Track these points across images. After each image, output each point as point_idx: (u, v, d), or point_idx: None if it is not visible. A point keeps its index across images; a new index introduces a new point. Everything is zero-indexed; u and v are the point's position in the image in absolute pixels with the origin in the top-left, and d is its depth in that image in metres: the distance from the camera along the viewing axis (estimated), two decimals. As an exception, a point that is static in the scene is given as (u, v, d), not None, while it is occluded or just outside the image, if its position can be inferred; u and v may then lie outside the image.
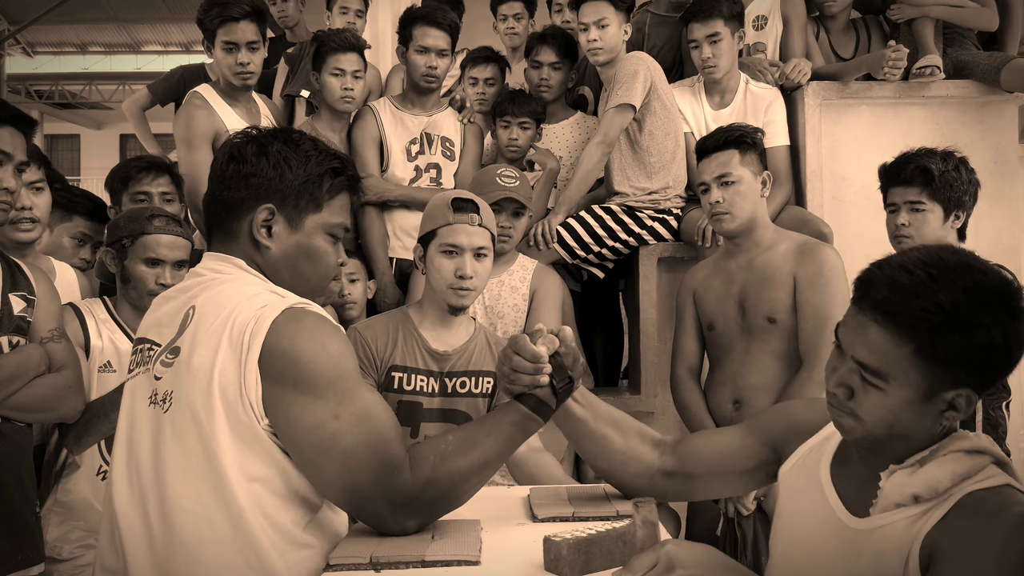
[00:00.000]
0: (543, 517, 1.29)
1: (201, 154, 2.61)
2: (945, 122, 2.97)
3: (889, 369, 1.01)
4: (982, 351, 0.98)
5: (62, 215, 2.34)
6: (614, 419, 1.37)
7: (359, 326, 1.93)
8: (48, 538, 1.85)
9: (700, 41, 2.77)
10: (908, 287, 0.99)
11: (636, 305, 2.87)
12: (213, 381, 1.13)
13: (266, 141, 1.25)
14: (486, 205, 1.90)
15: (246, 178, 1.23)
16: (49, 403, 1.73)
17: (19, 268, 1.77)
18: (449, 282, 1.83)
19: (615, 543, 1.08)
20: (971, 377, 1.01)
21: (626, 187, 2.80)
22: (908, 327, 0.99)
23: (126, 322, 2.01)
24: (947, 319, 0.97)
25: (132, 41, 13.70)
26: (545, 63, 2.99)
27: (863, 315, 1.03)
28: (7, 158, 1.64)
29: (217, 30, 2.61)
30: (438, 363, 1.89)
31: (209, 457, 1.12)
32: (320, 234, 1.27)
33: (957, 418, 1.04)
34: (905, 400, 1.02)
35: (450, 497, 1.18)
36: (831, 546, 1.10)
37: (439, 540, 1.15)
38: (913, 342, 0.99)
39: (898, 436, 1.05)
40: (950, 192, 2.07)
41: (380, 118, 2.84)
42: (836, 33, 3.17)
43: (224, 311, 1.16)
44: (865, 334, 1.03)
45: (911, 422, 1.03)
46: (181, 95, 3.13)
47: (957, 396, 1.02)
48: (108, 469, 1.91)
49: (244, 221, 1.24)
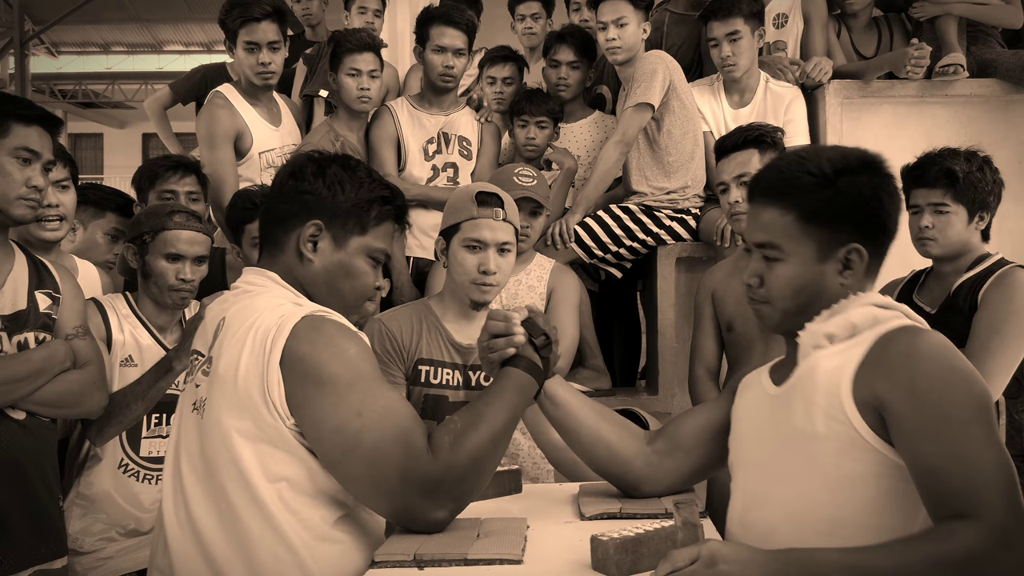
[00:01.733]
0: (590, 515, 1.29)
1: (223, 153, 2.64)
2: (969, 121, 2.93)
3: (781, 240, 1.16)
4: (854, 204, 1.13)
5: (95, 212, 2.38)
6: (599, 407, 1.42)
7: (382, 317, 1.91)
8: (70, 531, 1.88)
9: (719, 39, 2.76)
10: (782, 167, 1.18)
11: (654, 305, 2.86)
12: (237, 385, 1.19)
13: (325, 163, 1.35)
14: (511, 199, 1.87)
15: (301, 194, 1.32)
16: (73, 398, 1.75)
17: (44, 266, 1.79)
18: (472, 277, 1.80)
19: (663, 542, 1.07)
20: (855, 232, 1.14)
21: (644, 186, 2.79)
22: (786, 196, 1.15)
23: (147, 317, 2.03)
24: (816, 181, 1.14)
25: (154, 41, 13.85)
26: (563, 62, 2.99)
27: (753, 204, 1.20)
28: (35, 157, 1.66)
29: (239, 30, 2.63)
30: (462, 356, 1.88)
31: (233, 459, 1.18)
32: (361, 255, 1.34)
33: (855, 276, 1.15)
34: (803, 264, 1.15)
35: (472, 475, 1.19)
36: (764, 417, 1.20)
37: (484, 539, 1.15)
38: (794, 208, 1.15)
39: (808, 305, 1.16)
40: (974, 193, 2.03)
41: (398, 118, 2.85)
42: (858, 31, 3.14)
43: (248, 320, 1.23)
44: (756, 219, 1.19)
45: (814, 286, 1.16)
46: (203, 94, 3.17)
47: (848, 253, 1.15)
48: (129, 462, 1.96)
49: (293, 234, 1.32)
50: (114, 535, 1.95)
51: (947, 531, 0.98)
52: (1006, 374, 1.94)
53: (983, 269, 2.03)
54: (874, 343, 1.10)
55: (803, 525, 1.10)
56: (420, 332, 1.87)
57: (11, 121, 1.63)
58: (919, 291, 2.17)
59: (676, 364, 2.77)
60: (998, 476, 1.01)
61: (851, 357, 1.10)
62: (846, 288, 1.17)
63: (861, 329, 1.12)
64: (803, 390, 1.13)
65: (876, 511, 1.07)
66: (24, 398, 1.67)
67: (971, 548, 0.96)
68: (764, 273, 1.19)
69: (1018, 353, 1.95)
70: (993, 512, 0.98)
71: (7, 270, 1.71)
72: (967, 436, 1.02)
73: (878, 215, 1.16)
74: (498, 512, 1.29)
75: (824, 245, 1.15)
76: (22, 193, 1.64)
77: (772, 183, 1.18)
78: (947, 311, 2.05)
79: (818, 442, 1.10)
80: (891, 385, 1.05)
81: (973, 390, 1.06)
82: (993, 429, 1.05)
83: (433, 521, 1.17)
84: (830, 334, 1.14)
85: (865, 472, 1.07)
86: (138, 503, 1.96)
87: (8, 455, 1.66)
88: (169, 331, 2.07)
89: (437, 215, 2.83)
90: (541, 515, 1.30)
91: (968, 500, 0.99)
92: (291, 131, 2.88)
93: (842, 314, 1.15)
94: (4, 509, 1.64)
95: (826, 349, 1.13)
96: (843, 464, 1.08)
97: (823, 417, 1.10)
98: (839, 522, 1.08)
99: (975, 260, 2.05)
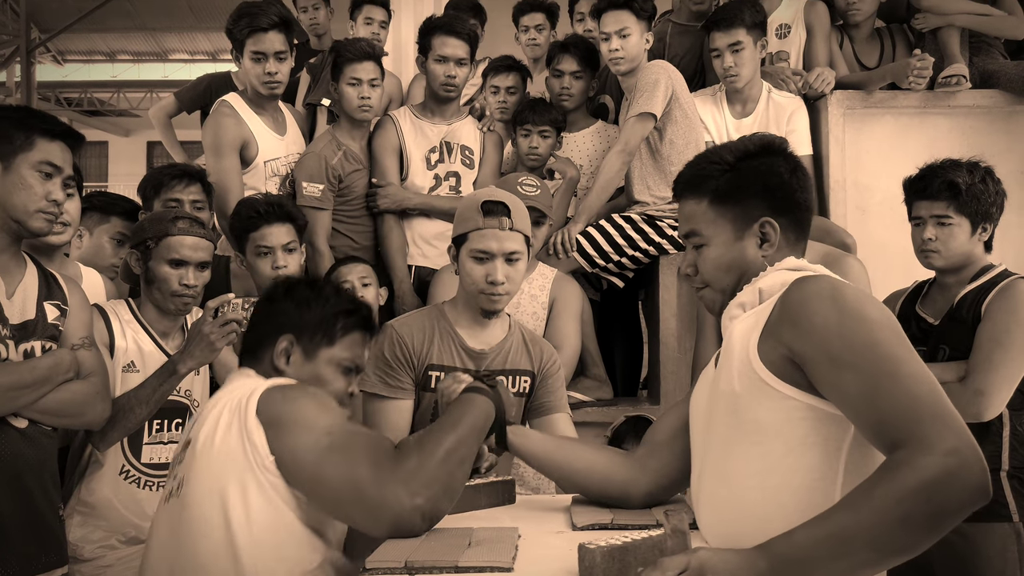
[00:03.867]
0: (582, 525, 1.30)
1: (229, 162, 2.65)
2: (972, 132, 2.93)
3: (701, 226, 1.27)
4: (756, 182, 1.24)
5: (100, 217, 2.39)
6: (562, 442, 1.54)
7: (395, 323, 1.90)
8: (70, 538, 1.87)
9: (722, 50, 2.77)
10: (694, 164, 1.31)
11: (656, 315, 2.86)
12: (215, 444, 1.30)
13: (294, 285, 1.53)
14: (520, 205, 1.85)
15: (274, 315, 1.49)
16: (76, 408, 1.75)
17: (54, 278, 1.81)
18: (480, 287, 1.80)
19: (651, 551, 1.07)
20: (764, 207, 1.24)
21: (646, 196, 2.80)
22: (698, 185, 1.28)
23: (150, 323, 2.04)
24: (720, 168, 1.26)
25: (160, 49, 13.93)
26: (567, 72, 3.00)
27: (677, 202, 1.32)
28: (56, 171, 1.70)
29: (246, 40, 2.65)
30: (475, 361, 1.87)
31: (206, 516, 1.29)
32: (331, 365, 1.47)
33: (773, 248, 1.24)
34: (724, 244, 1.25)
35: (439, 463, 1.22)
36: (705, 396, 1.27)
37: (475, 547, 1.16)
38: (706, 195, 1.26)
39: (740, 281, 1.25)
40: (977, 205, 2.03)
41: (400, 127, 2.86)
42: (860, 42, 3.15)
43: (223, 397, 1.37)
44: (681, 213, 1.31)
45: (740, 262, 1.25)
46: (208, 103, 3.18)
47: (762, 226, 1.24)
48: (131, 468, 1.96)
49: (268, 349, 1.47)
50: (114, 543, 1.94)
51: (896, 464, 0.99)
52: (1010, 386, 1.93)
53: (986, 280, 2.02)
54: (777, 300, 1.16)
55: (737, 485, 1.15)
56: (432, 338, 1.86)
57: (36, 136, 1.67)
58: (922, 302, 2.16)
59: (678, 374, 2.77)
60: (921, 389, 1.02)
61: (760, 319, 1.16)
62: (767, 261, 1.25)
63: (771, 293, 1.19)
64: (725, 358, 1.20)
65: (797, 456, 1.10)
66: (28, 405, 1.67)
67: (923, 470, 0.96)
68: (697, 261, 1.29)
69: (1021, 365, 1.94)
70: (929, 429, 0.98)
71: (18, 280, 1.72)
72: (878, 358, 1.05)
73: (781, 188, 1.25)
74: (491, 521, 1.29)
75: (738, 223, 1.25)
76: (42, 206, 1.67)
77: (686, 178, 1.30)
78: (950, 322, 2.04)
79: (736, 399, 1.15)
80: (795, 333, 1.10)
81: (868, 315, 1.08)
82: (904, 345, 1.07)
83: (412, 508, 1.16)
84: (741, 303, 1.22)
85: (779, 420, 1.11)
86: (139, 510, 1.96)
87: (8, 463, 1.65)
88: (171, 337, 2.07)
89: (439, 224, 2.86)
90: (533, 524, 1.30)
91: (904, 423, 1.00)
92: (296, 140, 2.89)
93: (758, 281, 1.22)
94: (4, 518, 1.64)
95: (740, 317, 1.20)
96: (760, 415, 1.12)
97: (738, 376, 1.15)
98: (767, 472, 1.12)
99: (978, 271, 2.05)
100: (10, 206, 1.66)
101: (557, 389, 1.93)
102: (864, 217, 2.90)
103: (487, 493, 1.43)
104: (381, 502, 1.18)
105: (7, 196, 1.65)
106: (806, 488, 1.09)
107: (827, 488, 1.09)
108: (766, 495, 1.11)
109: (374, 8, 3.42)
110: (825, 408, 1.09)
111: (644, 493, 1.40)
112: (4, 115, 1.68)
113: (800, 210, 1.27)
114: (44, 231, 1.73)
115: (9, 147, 1.65)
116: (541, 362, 1.92)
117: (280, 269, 2.23)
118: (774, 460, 1.11)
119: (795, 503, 1.08)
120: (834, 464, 1.10)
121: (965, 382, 1.93)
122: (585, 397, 2.64)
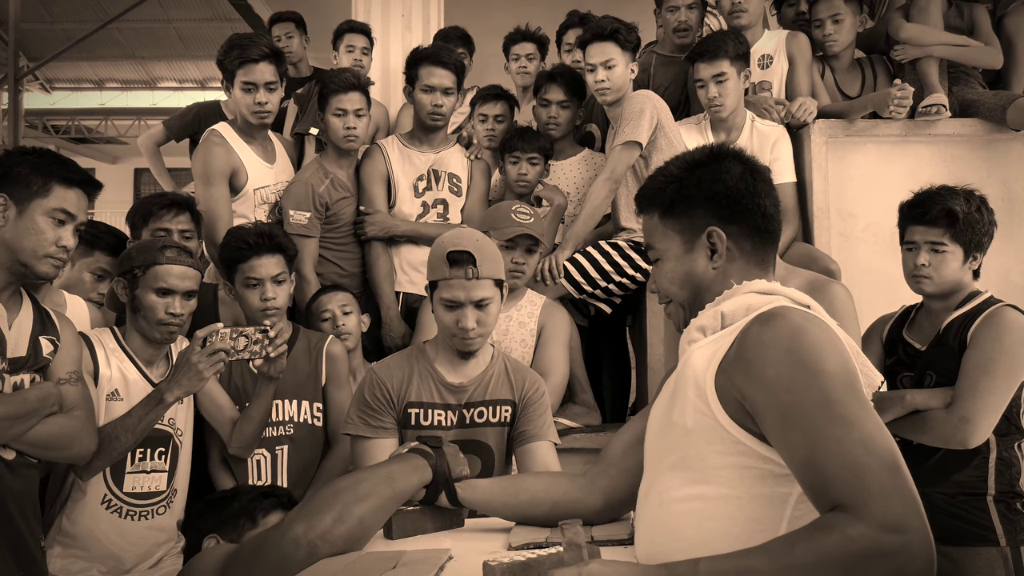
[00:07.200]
0: (516, 544, 1.29)
1: (218, 190, 2.66)
2: (952, 159, 2.98)
3: (654, 240, 1.27)
4: (700, 191, 1.22)
5: (84, 250, 2.37)
6: (508, 482, 1.52)
7: (376, 366, 1.92)
8: (51, 569, 1.85)
9: (706, 80, 2.81)
10: (647, 182, 1.31)
11: (644, 341, 2.87)
12: None
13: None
14: (489, 249, 1.84)
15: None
16: (64, 441, 1.74)
17: (48, 314, 1.82)
18: (452, 332, 1.83)
19: (554, 566, 1.05)
20: (710, 216, 1.21)
21: (633, 223, 2.82)
22: (650, 200, 1.28)
23: (134, 351, 2.02)
24: (666, 182, 1.26)
25: (148, 77, 13.96)
26: (553, 101, 3.03)
27: (640, 217, 1.32)
28: (70, 218, 1.72)
29: (237, 70, 2.67)
30: (455, 395, 1.88)
31: None
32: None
33: (724, 260, 1.21)
34: (676, 257, 1.24)
35: (329, 489, 1.26)
36: (659, 416, 1.21)
37: (399, 568, 1.16)
38: (656, 208, 1.26)
39: (697, 295, 1.23)
40: (972, 234, 2.03)
41: (388, 156, 2.88)
42: (842, 72, 3.21)
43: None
44: (642, 229, 1.32)
45: (692, 275, 1.23)
46: (196, 131, 3.20)
47: (709, 236, 1.21)
48: (112, 498, 1.93)
49: None
50: (95, 574, 1.91)
51: (828, 525, 0.91)
52: (995, 413, 1.94)
53: (973, 307, 2.03)
54: (737, 336, 1.09)
55: (676, 516, 1.09)
56: (411, 377, 1.88)
57: (54, 182, 1.70)
58: (909, 328, 2.18)
59: (666, 400, 2.76)
60: (871, 457, 0.93)
61: (720, 348, 1.10)
62: (720, 273, 1.21)
63: (734, 319, 1.13)
64: (680, 385, 1.14)
65: (740, 504, 1.04)
66: (17, 437, 1.66)
67: (853, 541, 0.88)
68: (657, 278, 1.29)
69: (1007, 392, 1.95)
70: (873, 499, 0.90)
71: (14, 316, 1.73)
72: (828, 418, 0.96)
73: (727, 196, 1.21)
74: (431, 545, 1.27)
75: (686, 234, 1.23)
76: (51, 252, 1.70)
77: (640, 195, 1.31)
78: (937, 348, 2.06)
79: (687, 434, 1.09)
80: (747, 381, 1.03)
81: (824, 369, 1.00)
82: (860, 406, 0.99)
83: (287, 526, 1.22)
84: (702, 326, 1.17)
85: (728, 464, 1.05)
86: (121, 540, 1.93)
87: (-8, 494, 1.64)
88: (156, 365, 2.06)
89: (427, 251, 2.85)
90: (472, 547, 1.29)
91: (845, 487, 0.92)
92: (285, 168, 2.90)
93: (717, 305, 1.18)
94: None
95: (699, 342, 1.15)
96: (708, 457, 1.06)
97: (692, 411, 1.09)
98: (707, 515, 1.06)
99: (965, 297, 2.06)
100: (19, 249, 1.68)
101: (538, 417, 1.92)
102: (848, 243, 2.93)
103: (432, 517, 1.43)
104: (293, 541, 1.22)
105: (18, 240, 1.67)
106: (744, 537, 1.00)
107: (765, 540, 0.98)
108: (701, 535, 1.05)
109: (355, 36, 3.46)
110: (776, 460, 1.02)
111: (595, 512, 1.37)
112: (24, 159, 1.70)
113: (753, 216, 1.20)
114: (51, 276, 1.74)
115: (26, 191, 1.68)
116: (523, 391, 1.92)
117: (269, 301, 2.21)
118: (716, 505, 1.05)
119: (728, 548, 0.98)
120: (776, 518, 1.03)
121: (951, 409, 1.95)
122: (573, 423, 2.63)
